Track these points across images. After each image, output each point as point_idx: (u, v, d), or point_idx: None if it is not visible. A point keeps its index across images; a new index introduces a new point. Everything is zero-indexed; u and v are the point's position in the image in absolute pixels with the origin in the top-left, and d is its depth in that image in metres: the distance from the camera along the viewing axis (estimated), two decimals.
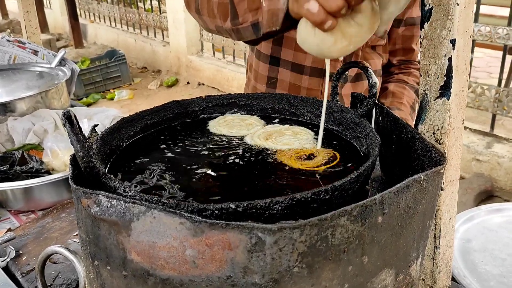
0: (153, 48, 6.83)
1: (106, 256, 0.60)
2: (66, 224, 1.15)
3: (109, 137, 0.80)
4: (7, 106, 1.67)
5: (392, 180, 0.77)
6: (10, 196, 1.28)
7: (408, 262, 0.65)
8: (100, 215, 0.57)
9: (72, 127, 0.60)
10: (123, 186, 0.60)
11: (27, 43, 2.12)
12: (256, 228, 0.50)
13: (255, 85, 1.51)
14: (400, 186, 0.58)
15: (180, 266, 0.55)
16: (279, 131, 0.89)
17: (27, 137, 1.55)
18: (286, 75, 1.42)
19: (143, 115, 0.89)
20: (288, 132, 0.89)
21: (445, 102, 0.69)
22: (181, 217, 0.52)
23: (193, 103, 0.97)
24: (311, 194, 0.58)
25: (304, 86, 1.42)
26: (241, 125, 0.92)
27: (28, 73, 1.95)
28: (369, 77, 0.82)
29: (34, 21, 2.24)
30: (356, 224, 0.54)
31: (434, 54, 0.68)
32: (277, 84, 1.45)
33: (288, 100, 0.97)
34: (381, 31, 0.97)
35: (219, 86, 5.84)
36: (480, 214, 1.21)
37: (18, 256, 1.05)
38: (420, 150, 0.70)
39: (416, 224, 0.63)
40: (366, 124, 0.80)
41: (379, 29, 0.75)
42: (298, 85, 1.42)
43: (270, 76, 1.45)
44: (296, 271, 0.53)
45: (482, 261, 1.04)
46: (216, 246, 0.52)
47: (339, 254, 0.55)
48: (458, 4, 0.64)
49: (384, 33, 1.39)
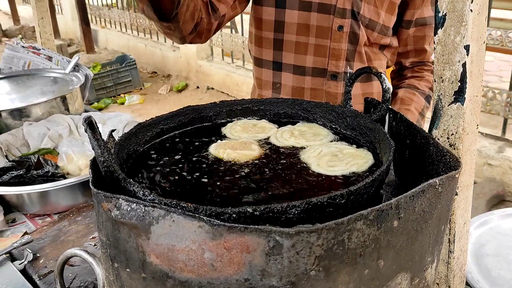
0: (163, 53, 6.88)
1: (126, 259, 0.61)
2: (82, 228, 1.17)
3: (126, 142, 0.81)
4: (22, 111, 1.71)
5: (406, 185, 0.78)
6: (26, 200, 1.30)
7: (423, 266, 0.65)
8: (120, 218, 0.58)
9: (93, 132, 0.62)
10: (143, 190, 0.62)
11: (42, 49, 2.16)
12: (274, 231, 0.51)
13: (260, 93, 1.53)
14: (416, 190, 0.58)
15: (198, 269, 0.56)
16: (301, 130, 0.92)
17: (42, 141, 1.58)
18: (289, 78, 1.43)
19: (159, 120, 0.91)
20: (310, 131, 0.91)
21: (459, 108, 0.69)
22: (200, 221, 0.54)
23: (207, 109, 0.98)
24: (327, 199, 0.59)
25: (307, 87, 1.42)
26: (256, 129, 0.94)
27: (42, 79, 1.98)
28: (382, 83, 0.83)
29: (49, 28, 2.27)
30: (372, 228, 0.55)
31: (448, 59, 0.69)
32: (281, 89, 1.46)
33: (301, 105, 0.98)
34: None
35: (228, 90, 5.86)
36: (493, 219, 1.21)
37: (36, 259, 1.06)
38: (435, 155, 0.70)
39: (431, 228, 0.64)
40: (380, 129, 0.80)
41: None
42: (301, 87, 1.43)
43: (275, 81, 1.46)
44: (313, 274, 0.54)
45: (495, 265, 1.04)
46: (234, 249, 0.53)
47: (356, 258, 0.56)
48: (472, 10, 0.65)
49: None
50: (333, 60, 1.38)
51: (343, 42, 1.36)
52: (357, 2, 1.33)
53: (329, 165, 0.77)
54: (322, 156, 0.80)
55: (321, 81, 1.41)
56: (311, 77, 1.41)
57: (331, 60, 1.38)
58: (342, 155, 0.80)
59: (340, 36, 1.35)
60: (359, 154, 0.80)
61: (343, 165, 0.77)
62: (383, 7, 1.35)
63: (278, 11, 1.36)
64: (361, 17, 1.34)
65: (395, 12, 1.39)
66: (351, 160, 0.78)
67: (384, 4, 1.35)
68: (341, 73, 1.39)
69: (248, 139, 0.89)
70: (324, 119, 0.95)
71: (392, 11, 1.38)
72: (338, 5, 1.33)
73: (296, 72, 1.42)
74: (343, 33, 1.35)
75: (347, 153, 0.81)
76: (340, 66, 1.38)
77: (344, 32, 1.35)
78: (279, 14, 1.37)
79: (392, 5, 1.36)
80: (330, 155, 0.80)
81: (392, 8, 1.37)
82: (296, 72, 1.42)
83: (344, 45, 1.36)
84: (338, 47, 1.36)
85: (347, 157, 0.79)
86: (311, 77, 1.41)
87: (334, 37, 1.35)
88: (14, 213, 1.34)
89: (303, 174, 0.76)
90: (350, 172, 0.76)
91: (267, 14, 1.38)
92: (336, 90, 1.41)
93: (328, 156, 0.80)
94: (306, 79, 1.42)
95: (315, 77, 1.41)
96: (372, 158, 0.79)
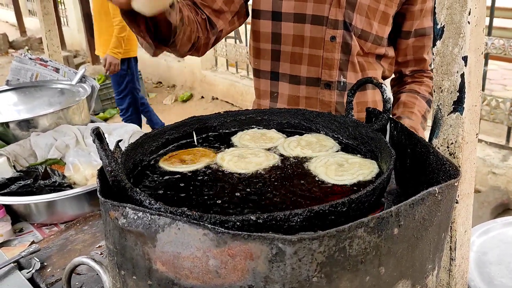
0: (168, 64, 6.94)
1: (132, 266, 0.63)
2: (88, 237, 1.19)
3: (132, 152, 0.83)
4: (30, 122, 1.73)
5: (407, 193, 0.79)
6: (33, 209, 1.32)
7: (424, 274, 0.66)
8: (127, 226, 0.60)
9: (101, 143, 0.64)
10: (149, 199, 0.63)
11: (49, 61, 2.19)
12: (277, 239, 0.53)
13: (258, 102, 1.58)
14: (416, 198, 0.60)
15: (203, 276, 0.57)
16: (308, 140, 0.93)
17: (49, 152, 1.60)
18: (285, 87, 1.48)
19: (165, 130, 0.93)
20: (316, 141, 0.93)
21: (458, 117, 0.71)
22: (204, 229, 0.55)
23: (212, 119, 1.00)
24: (329, 207, 0.60)
25: (302, 96, 1.47)
26: (264, 139, 0.95)
27: (50, 90, 2.01)
28: (383, 93, 0.85)
29: (56, 40, 2.31)
30: (373, 236, 0.56)
31: (447, 70, 0.71)
32: (278, 98, 1.51)
33: (304, 115, 1.00)
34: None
35: (232, 100, 5.90)
36: (496, 227, 1.22)
37: (43, 268, 1.08)
38: (435, 164, 0.72)
39: (432, 236, 0.65)
40: (381, 139, 0.82)
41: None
42: (297, 96, 1.48)
43: (272, 90, 1.52)
44: (315, 281, 0.55)
45: (498, 273, 1.04)
46: (238, 256, 0.55)
47: (357, 265, 0.57)
48: (470, 22, 0.67)
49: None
50: (326, 70, 1.42)
51: (336, 52, 1.40)
52: (349, 14, 1.37)
53: (337, 174, 0.79)
54: (329, 166, 0.82)
55: (315, 90, 1.45)
56: (306, 86, 1.46)
57: (324, 69, 1.42)
58: (348, 165, 0.82)
59: (332, 46, 1.40)
60: (365, 164, 0.82)
61: (350, 175, 0.79)
62: (376, 18, 1.38)
63: (274, 23, 1.42)
64: (353, 28, 1.38)
65: (389, 22, 1.42)
66: (358, 170, 0.80)
67: (376, 15, 1.38)
68: (335, 82, 1.43)
69: (256, 148, 0.91)
70: (327, 128, 0.97)
71: (386, 21, 1.40)
72: (331, 16, 1.37)
73: (292, 82, 1.47)
74: (336, 43, 1.40)
75: (353, 162, 0.83)
76: (333, 75, 1.42)
77: (337, 43, 1.39)
78: (275, 27, 1.42)
79: (385, 16, 1.39)
80: (336, 164, 0.82)
81: (385, 19, 1.40)
82: (292, 82, 1.47)
83: (337, 55, 1.40)
84: (331, 57, 1.41)
85: (353, 167, 0.81)
86: (306, 86, 1.46)
87: (327, 47, 1.40)
88: (21, 223, 1.36)
89: (311, 183, 0.77)
90: (357, 181, 0.77)
91: (264, 27, 1.44)
92: (329, 99, 1.45)
93: (335, 166, 0.81)
94: (301, 88, 1.46)
95: (310, 86, 1.45)
96: (377, 167, 0.81)
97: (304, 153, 0.88)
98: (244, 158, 0.85)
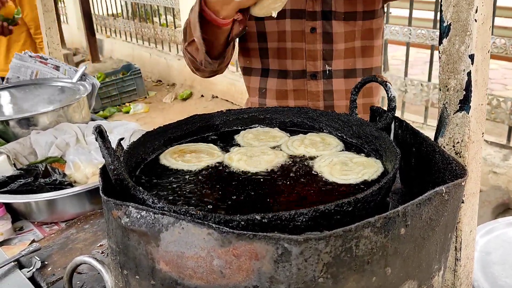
0: (168, 62, 6.92)
1: (135, 266, 0.62)
2: (89, 235, 1.18)
3: (134, 150, 0.83)
4: (30, 120, 1.72)
5: (412, 193, 0.78)
6: (34, 208, 1.31)
7: (430, 274, 0.66)
8: (130, 225, 0.59)
9: (104, 141, 0.63)
10: (152, 198, 0.62)
11: (49, 58, 2.18)
12: (283, 239, 0.52)
13: (249, 100, 1.61)
14: (422, 198, 0.59)
15: (207, 276, 0.56)
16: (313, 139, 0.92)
17: (49, 150, 1.59)
18: (273, 83, 1.50)
19: (167, 129, 0.92)
20: (321, 140, 0.92)
21: (464, 116, 0.70)
22: (209, 228, 0.54)
23: (214, 117, 0.99)
24: (334, 206, 0.59)
25: (290, 89, 1.49)
26: (268, 137, 0.95)
27: (50, 88, 2.00)
28: (388, 92, 0.84)
29: (56, 38, 2.30)
30: (380, 236, 0.56)
31: (453, 68, 0.70)
32: (266, 94, 1.53)
33: (307, 114, 0.99)
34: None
35: (232, 99, 5.88)
36: (499, 227, 1.21)
37: (44, 267, 1.07)
38: (441, 163, 0.71)
39: (438, 236, 0.64)
40: (386, 138, 0.81)
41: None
42: (284, 90, 1.50)
43: (261, 87, 1.54)
44: (321, 282, 0.54)
45: (502, 273, 1.04)
46: (243, 256, 0.54)
47: (363, 265, 0.56)
48: (476, 20, 0.66)
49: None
50: (310, 61, 1.45)
51: (318, 43, 1.42)
52: (326, 2, 1.37)
53: (342, 173, 0.78)
54: (333, 165, 0.81)
55: (302, 82, 1.47)
56: (292, 79, 1.48)
57: (308, 61, 1.45)
58: (353, 164, 0.81)
59: (313, 37, 1.41)
60: (370, 163, 0.81)
61: (355, 174, 0.78)
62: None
63: (257, 23, 1.44)
64: (335, 14, 1.38)
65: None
66: (363, 169, 0.79)
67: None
68: (320, 72, 1.45)
69: (260, 147, 0.90)
70: (330, 127, 0.96)
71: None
72: (308, 8, 1.39)
73: (280, 76, 1.49)
74: (316, 34, 1.41)
75: (357, 162, 0.82)
76: (318, 65, 1.44)
77: (317, 33, 1.41)
78: (259, 25, 1.45)
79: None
80: (340, 163, 0.81)
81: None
82: (280, 76, 1.49)
83: (319, 45, 1.42)
84: (313, 48, 1.43)
85: (358, 166, 0.80)
86: (293, 80, 1.48)
87: (308, 39, 1.42)
88: (21, 221, 1.35)
89: (317, 182, 0.77)
90: (362, 180, 0.76)
91: (249, 27, 1.46)
92: (317, 89, 1.47)
93: (339, 165, 0.81)
94: (288, 81, 1.49)
95: (296, 79, 1.47)
96: (382, 167, 0.80)
97: (308, 152, 0.88)
98: (253, 157, 0.85)
